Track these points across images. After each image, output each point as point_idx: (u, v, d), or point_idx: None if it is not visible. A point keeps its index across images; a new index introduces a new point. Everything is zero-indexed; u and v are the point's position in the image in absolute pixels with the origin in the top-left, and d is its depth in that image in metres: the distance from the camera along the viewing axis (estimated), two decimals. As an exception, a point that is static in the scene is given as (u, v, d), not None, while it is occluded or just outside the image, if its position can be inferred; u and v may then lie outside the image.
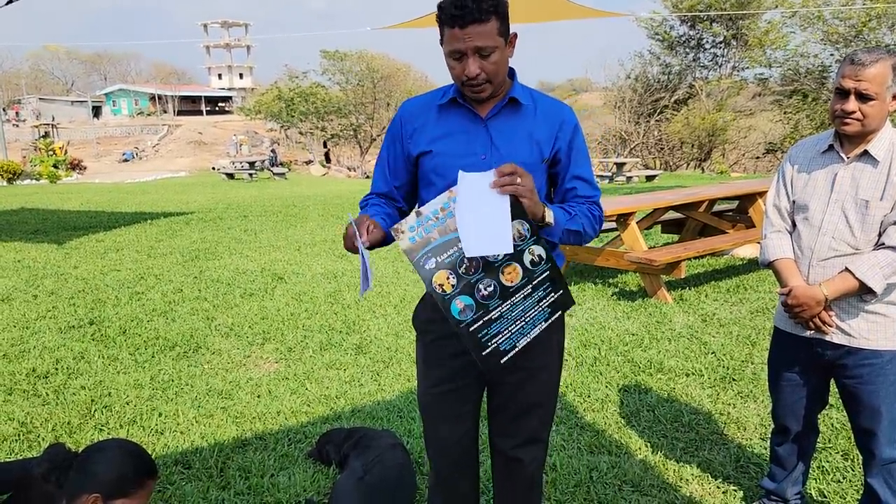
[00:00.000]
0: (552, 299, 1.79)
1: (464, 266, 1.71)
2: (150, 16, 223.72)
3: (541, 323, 1.79)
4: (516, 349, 1.77)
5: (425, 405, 2.14)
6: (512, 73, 1.93)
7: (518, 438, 2.10)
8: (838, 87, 2.18)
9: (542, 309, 1.79)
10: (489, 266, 1.71)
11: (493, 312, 1.73)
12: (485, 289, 1.72)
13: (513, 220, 1.70)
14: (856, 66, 2.12)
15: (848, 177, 2.24)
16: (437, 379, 2.06)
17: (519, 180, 1.70)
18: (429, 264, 1.71)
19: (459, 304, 1.72)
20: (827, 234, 2.26)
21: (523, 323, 1.77)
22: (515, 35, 1.85)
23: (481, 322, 1.73)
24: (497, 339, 1.75)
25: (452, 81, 1.90)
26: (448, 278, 1.71)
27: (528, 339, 1.78)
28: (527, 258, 1.74)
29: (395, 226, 1.73)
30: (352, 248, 1.83)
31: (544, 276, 1.77)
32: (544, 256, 1.76)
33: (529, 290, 1.75)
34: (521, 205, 1.71)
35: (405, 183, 2.04)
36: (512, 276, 1.73)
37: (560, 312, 1.83)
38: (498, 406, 2.10)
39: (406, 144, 1.97)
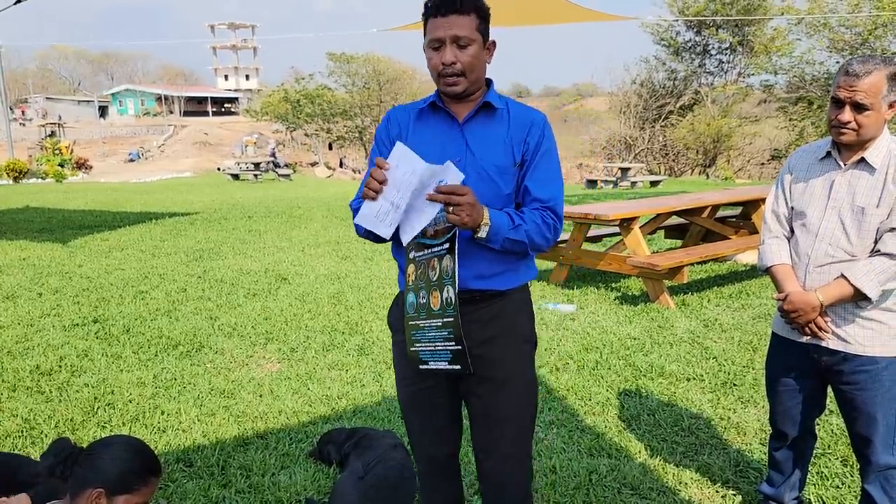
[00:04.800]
0: (450, 348, 1.79)
1: (420, 269, 1.86)
2: (158, 17, 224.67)
3: (443, 362, 1.82)
4: (428, 365, 1.87)
5: (403, 402, 2.16)
6: (489, 83, 1.99)
7: (495, 455, 2.05)
8: (833, 96, 2.18)
9: (446, 350, 1.81)
10: (429, 282, 1.82)
11: (421, 321, 1.86)
12: (422, 297, 1.86)
13: (451, 252, 1.77)
14: (850, 77, 2.12)
15: (845, 184, 2.26)
16: (410, 377, 2.07)
17: (456, 199, 1.73)
18: (412, 254, 1.89)
19: (410, 297, 1.90)
20: (824, 240, 2.27)
21: (433, 347, 1.83)
22: (494, 43, 1.94)
23: (412, 323, 1.88)
24: (418, 346, 1.88)
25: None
26: (413, 272, 1.90)
27: (438, 367, 1.84)
28: (444, 294, 1.78)
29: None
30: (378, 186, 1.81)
31: (447, 321, 1.77)
32: (452, 303, 1.76)
33: (439, 324, 1.80)
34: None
35: None
36: (434, 301, 1.82)
37: (459, 368, 1.80)
38: (473, 418, 2.08)
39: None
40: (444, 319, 1.78)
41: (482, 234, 1.80)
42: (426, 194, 1.78)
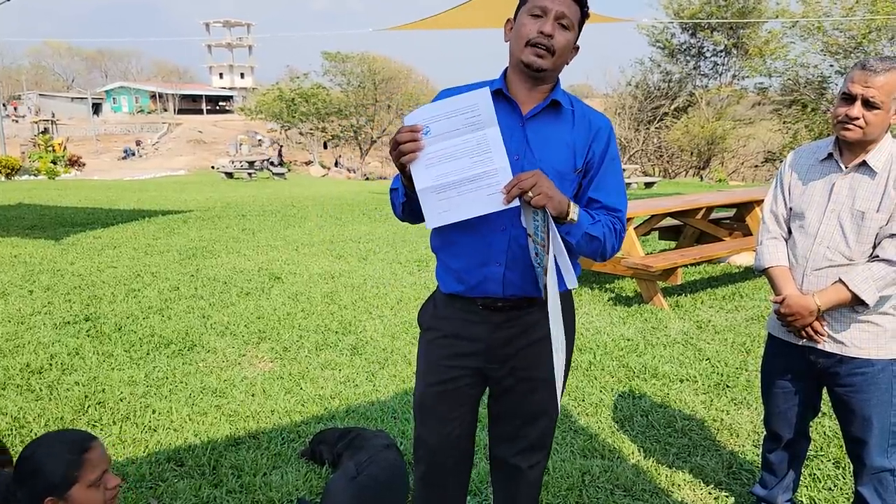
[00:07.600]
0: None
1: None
2: (152, 14, 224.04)
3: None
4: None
5: (422, 403, 2.11)
6: (557, 80, 1.92)
7: (522, 444, 2.08)
8: (845, 92, 2.16)
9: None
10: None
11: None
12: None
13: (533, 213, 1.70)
14: (866, 72, 2.10)
15: (845, 187, 2.24)
16: (439, 377, 2.03)
17: (532, 182, 1.66)
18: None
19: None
20: (822, 243, 2.26)
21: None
22: (578, 48, 1.89)
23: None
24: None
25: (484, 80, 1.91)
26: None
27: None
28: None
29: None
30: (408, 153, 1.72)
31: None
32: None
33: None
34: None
35: None
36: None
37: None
38: (504, 413, 2.07)
39: None
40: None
41: (573, 215, 1.75)
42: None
